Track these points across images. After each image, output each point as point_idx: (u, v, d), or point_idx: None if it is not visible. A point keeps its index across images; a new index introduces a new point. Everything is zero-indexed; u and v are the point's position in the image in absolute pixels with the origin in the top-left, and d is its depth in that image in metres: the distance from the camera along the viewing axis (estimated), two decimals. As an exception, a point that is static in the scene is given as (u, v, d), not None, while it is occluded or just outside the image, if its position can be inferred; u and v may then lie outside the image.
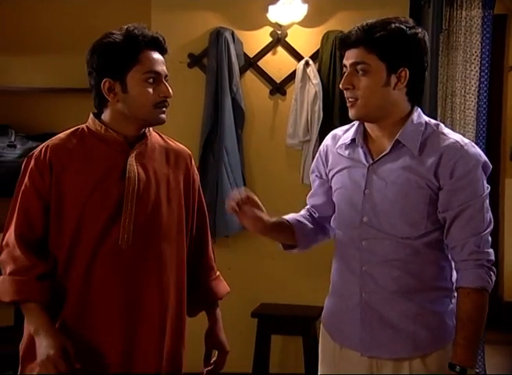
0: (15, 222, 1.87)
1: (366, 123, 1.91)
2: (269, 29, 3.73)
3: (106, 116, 1.94)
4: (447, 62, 3.78)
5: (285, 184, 3.75)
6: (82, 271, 1.86)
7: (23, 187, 1.89)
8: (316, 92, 3.58)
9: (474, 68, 3.77)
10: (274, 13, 3.64)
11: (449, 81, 3.81)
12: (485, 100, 3.84)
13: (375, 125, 1.89)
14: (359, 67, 1.81)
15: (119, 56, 1.86)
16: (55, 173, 1.87)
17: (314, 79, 3.60)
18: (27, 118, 3.96)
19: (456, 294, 1.81)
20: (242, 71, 3.73)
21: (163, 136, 2.05)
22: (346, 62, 1.86)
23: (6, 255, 1.87)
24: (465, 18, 3.76)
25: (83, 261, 1.86)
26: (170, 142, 2.06)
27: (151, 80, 1.87)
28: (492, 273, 1.78)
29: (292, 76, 3.70)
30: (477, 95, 3.79)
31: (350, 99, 1.85)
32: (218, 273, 2.12)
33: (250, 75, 3.77)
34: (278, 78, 3.75)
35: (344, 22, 3.64)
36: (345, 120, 3.58)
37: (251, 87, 3.76)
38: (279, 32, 3.71)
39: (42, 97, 3.99)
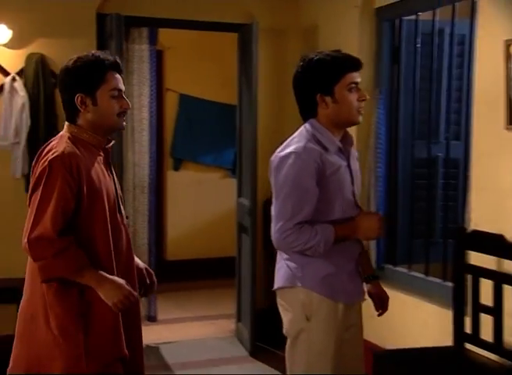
0: (52, 218, 2.10)
1: (336, 129, 2.30)
2: (-25, 48, 4.22)
3: (80, 125, 2.27)
4: (127, 82, 4.71)
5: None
6: (109, 242, 2.23)
7: (58, 186, 2.12)
8: (24, 103, 4.24)
9: (146, 88, 4.86)
10: (-19, 35, 4.26)
11: (129, 97, 4.69)
12: (154, 112, 4.95)
13: (342, 130, 2.34)
14: (359, 85, 2.28)
15: (91, 76, 2.23)
16: (81, 173, 2.17)
17: (21, 91, 4.25)
18: None
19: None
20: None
21: None
22: (358, 79, 2.26)
23: (44, 246, 2.10)
24: (138, 50, 4.82)
25: (105, 235, 2.21)
26: None
27: (115, 95, 2.26)
28: None
29: (1, 89, 4.31)
30: (149, 108, 4.88)
31: (362, 108, 2.27)
32: None
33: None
34: (-11, 90, 4.24)
35: (43, 46, 4.37)
36: (50, 126, 4.41)
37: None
38: (-14, 52, 4.22)
39: None
